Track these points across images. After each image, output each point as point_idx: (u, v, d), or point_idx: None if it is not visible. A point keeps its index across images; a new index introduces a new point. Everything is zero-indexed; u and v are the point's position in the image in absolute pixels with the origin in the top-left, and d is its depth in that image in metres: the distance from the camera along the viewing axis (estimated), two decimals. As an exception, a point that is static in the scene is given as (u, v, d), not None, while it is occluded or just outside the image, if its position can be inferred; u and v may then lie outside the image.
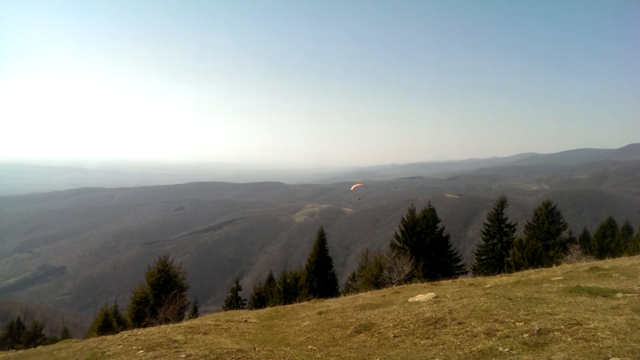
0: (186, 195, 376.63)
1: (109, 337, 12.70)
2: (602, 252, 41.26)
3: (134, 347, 10.06)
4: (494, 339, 7.88)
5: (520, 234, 43.69)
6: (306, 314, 15.32)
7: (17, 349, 19.41)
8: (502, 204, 44.23)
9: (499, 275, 21.48)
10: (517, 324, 8.59)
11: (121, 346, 10.53)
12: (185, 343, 10.31)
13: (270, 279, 42.57)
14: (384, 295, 17.20)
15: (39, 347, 15.99)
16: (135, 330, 13.15)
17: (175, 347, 9.66)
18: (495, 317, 9.28)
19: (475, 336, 8.30)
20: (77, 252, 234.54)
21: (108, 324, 28.27)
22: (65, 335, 41.69)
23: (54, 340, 33.98)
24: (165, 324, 17.13)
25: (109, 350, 10.35)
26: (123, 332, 13.55)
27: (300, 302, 24.01)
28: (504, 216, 44.01)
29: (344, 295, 25.25)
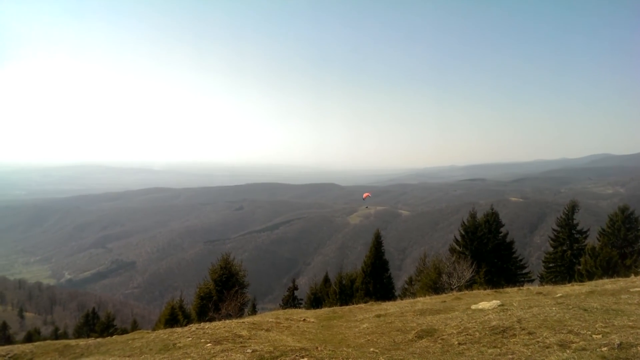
0: (245, 196, 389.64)
1: (178, 329, 13.44)
2: (690, 262, 37.34)
3: (202, 340, 10.60)
4: (568, 351, 7.41)
5: (592, 240, 40.64)
6: (364, 316, 15.29)
7: (95, 338, 21.07)
8: (572, 208, 41.45)
9: (569, 284, 20.22)
10: (594, 336, 8.03)
11: (190, 339, 11.13)
12: (249, 339, 10.69)
13: (326, 280, 42.81)
14: (444, 301, 16.75)
15: (114, 337, 17.24)
16: (202, 324, 13.82)
17: (241, 342, 10.06)
18: (569, 328, 8.74)
19: (547, 347, 7.85)
20: (146, 248, 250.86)
21: (174, 317, 29.83)
22: (135, 326, 44.64)
23: (125, 331, 36.46)
24: (228, 319, 17.81)
25: (179, 342, 10.99)
26: (191, 325, 14.30)
27: (356, 304, 23.99)
28: (575, 221, 41.21)
29: (401, 299, 24.85)
